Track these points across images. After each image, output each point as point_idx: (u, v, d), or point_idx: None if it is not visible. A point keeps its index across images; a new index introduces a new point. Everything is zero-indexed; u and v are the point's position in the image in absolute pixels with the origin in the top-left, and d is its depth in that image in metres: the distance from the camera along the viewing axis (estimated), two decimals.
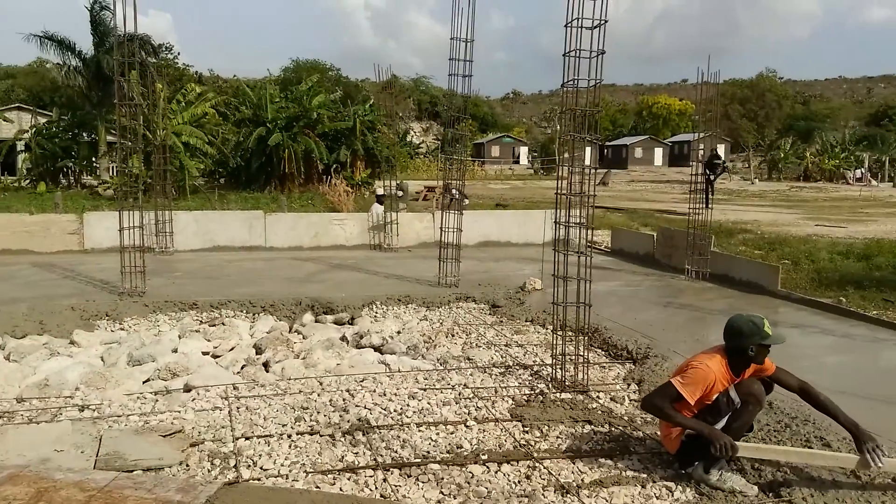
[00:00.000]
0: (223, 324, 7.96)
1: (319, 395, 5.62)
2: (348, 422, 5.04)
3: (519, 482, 4.17)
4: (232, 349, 7.02)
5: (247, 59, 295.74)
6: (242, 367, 6.38)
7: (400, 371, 6.28)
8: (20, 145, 30.09)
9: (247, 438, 4.74)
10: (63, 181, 29.31)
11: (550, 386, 5.94)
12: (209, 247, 14.25)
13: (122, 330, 7.86)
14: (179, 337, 7.33)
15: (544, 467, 4.35)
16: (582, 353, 5.98)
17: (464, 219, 10.62)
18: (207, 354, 6.88)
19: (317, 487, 4.05)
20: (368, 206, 17.64)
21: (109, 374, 5.90)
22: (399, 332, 7.76)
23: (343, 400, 5.50)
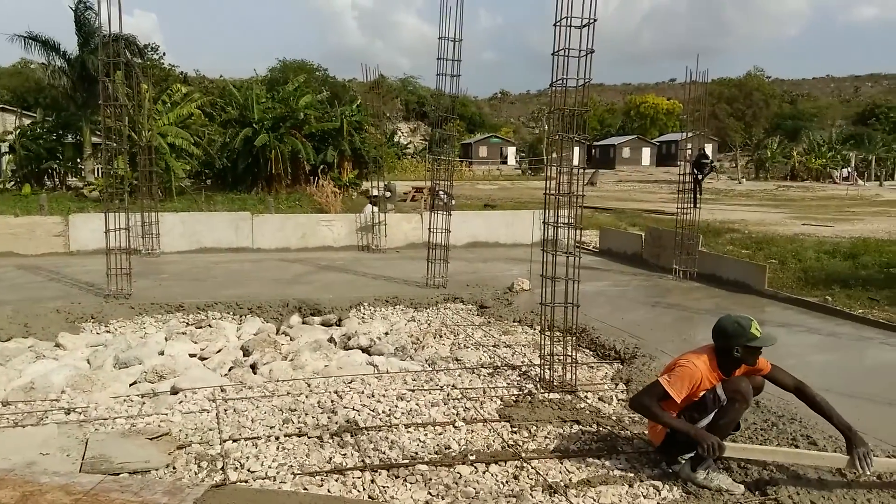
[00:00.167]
0: (210, 326, 7.92)
1: (307, 396, 5.61)
2: (336, 423, 5.03)
3: (507, 482, 4.18)
4: (219, 351, 6.98)
5: (233, 60, 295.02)
6: (230, 369, 6.36)
7: (388, 372, 6.28)
8: (4, 147, 29.79)
9: (234, 440, 4.72)
10: (48, 183, 29.08)
11: (538, 386, 5.95)
12: (196, 248, 14.18)
13: (108, 332, 7.81)
14: (166, 339, 7.29)
15: (532, 467, 4.35)
16: (570, 354, 5.99)
17: (452, 219, 10.63)
18: (194, 356, 6.84)
19: (304, 489, 4.04)
20: (356, 206, 17.62)
21: (95, 376, 5.86)
22: (387, 334, 7.75)
23: (331, 401, 5.49)
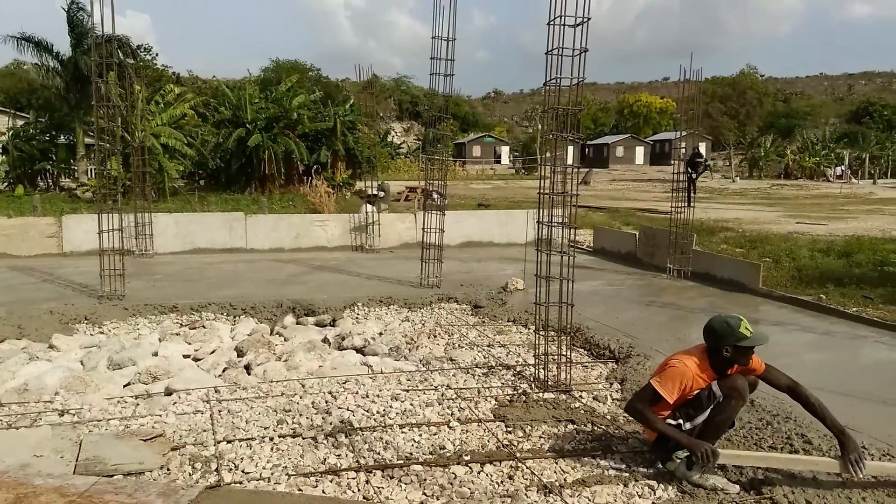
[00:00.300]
0: (204, 326, 7.90)
1: (301, 397, 5.60)
2: (331, 424, 5.02)
3: (502, 482, 4.17)
4: (213, 352, 6.96)
5: (226, 60, 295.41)
6: (224, 370, 6.35)
7: (382, 372, 6.27)
8: None
9: (228, 442, 4.71)
10: (41, 184, 29.01)
11: (533, 386, 5.95)
12: (189, 249, 14.14)
13: (102, 333, 7.78)
14: (160, 340, 7.27)
15: (527, 467, 4.35)
16: (564, 353, 5.99)
17: (446, 219, 10.62)
18: (188, 357, 6.82)
19: (299, 490, 4.03)
20: (350, 207, 17.60)
21: (89, 378, 5.84)
22: (381, 334, 7.74)
23: (325, 402, 5.48)
